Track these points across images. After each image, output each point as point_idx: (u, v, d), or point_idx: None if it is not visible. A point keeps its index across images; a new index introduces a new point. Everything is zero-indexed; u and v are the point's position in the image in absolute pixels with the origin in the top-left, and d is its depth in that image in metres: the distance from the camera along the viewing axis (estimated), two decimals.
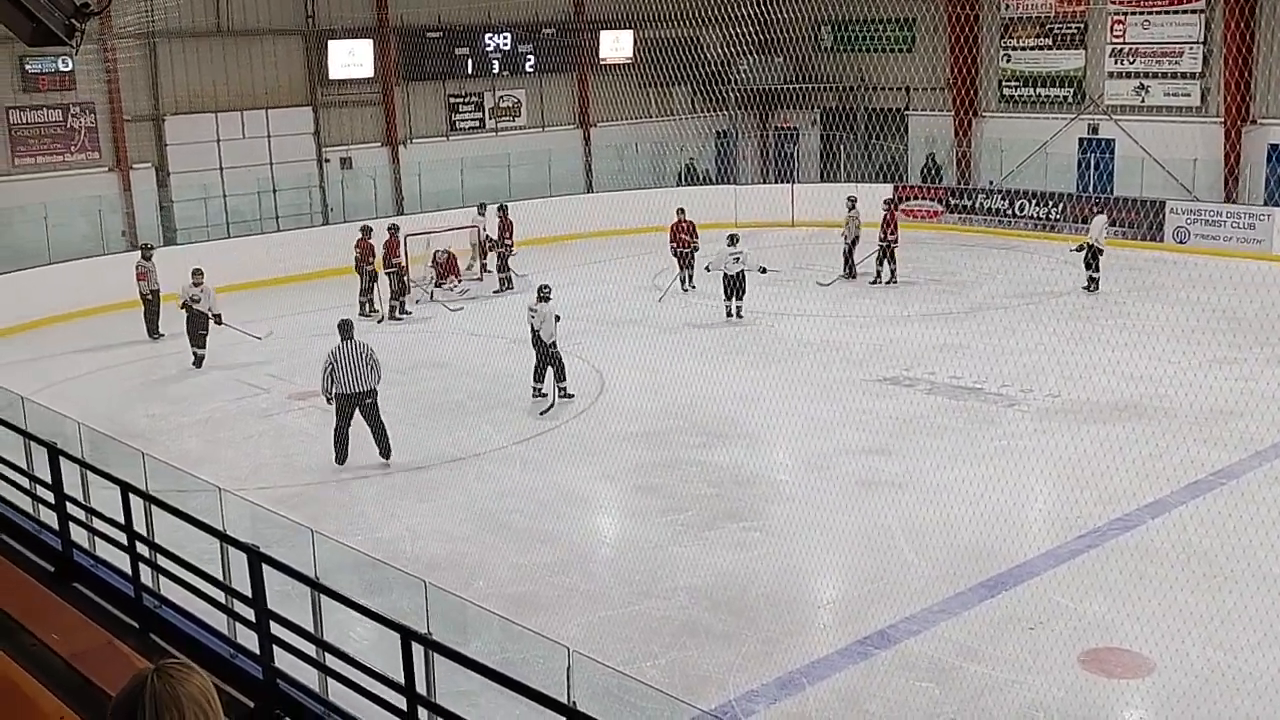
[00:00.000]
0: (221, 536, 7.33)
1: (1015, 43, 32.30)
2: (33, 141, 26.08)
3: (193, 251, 26.21)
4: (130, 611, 7.60)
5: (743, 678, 10.09)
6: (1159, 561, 11.77)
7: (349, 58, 30.31)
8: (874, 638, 10.70)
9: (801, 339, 21.02)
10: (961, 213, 31.52)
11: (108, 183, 27.10)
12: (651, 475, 14.97)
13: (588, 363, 19.50)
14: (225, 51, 28.45)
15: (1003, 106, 32.76)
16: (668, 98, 34.43)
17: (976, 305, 22.99)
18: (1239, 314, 19.67)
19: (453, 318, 23.80)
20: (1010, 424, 16.45)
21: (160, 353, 21.61)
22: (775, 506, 14.03)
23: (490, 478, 15.09)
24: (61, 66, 25.75)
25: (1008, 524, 12.69)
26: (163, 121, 27.93)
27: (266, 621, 6.58)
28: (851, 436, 16.04)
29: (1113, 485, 13.46)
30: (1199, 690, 9.54)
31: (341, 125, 30.71)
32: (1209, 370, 17.59)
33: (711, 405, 17.45)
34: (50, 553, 8.49)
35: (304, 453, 16.34)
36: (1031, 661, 10.18)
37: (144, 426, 17.20)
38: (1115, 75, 30.43)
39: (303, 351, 21.25)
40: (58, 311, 23.71)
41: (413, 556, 12.40)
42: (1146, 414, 16.38)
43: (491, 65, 32.85)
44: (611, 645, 10.54)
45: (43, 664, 5.86)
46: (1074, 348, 18.90)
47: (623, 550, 13.36)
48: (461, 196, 30.38)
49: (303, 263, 26.53)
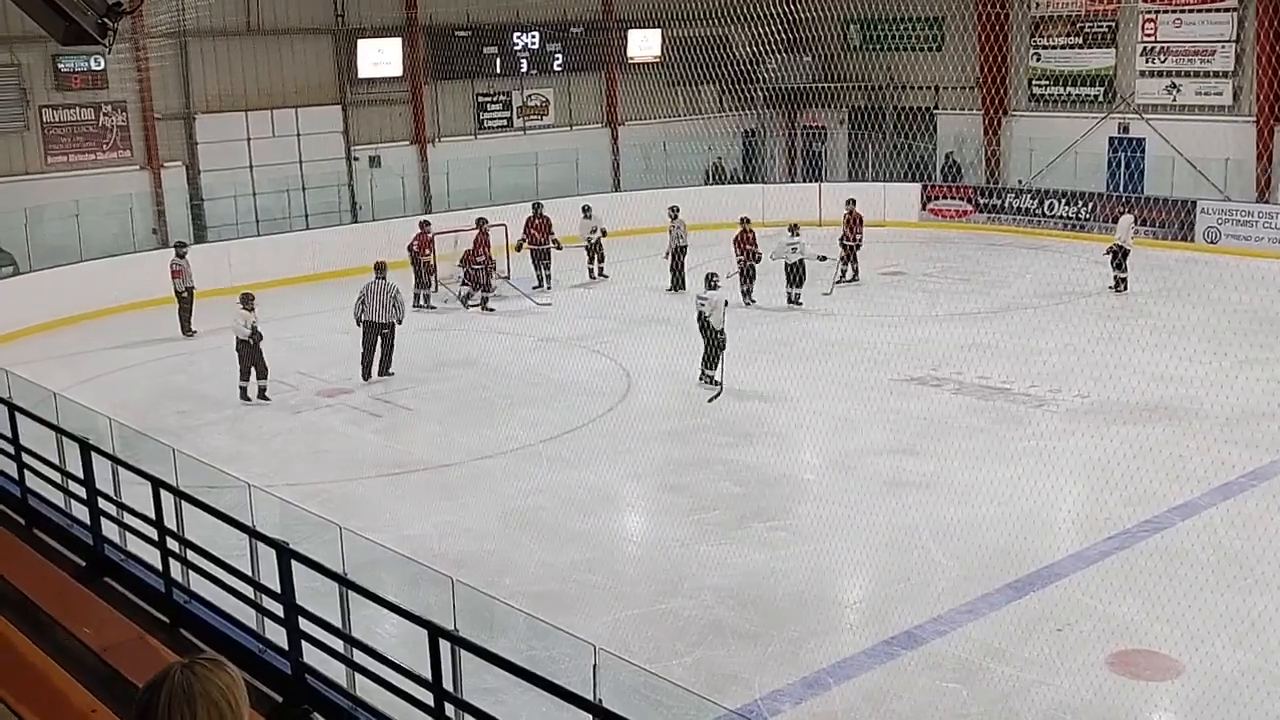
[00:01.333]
0: (251, 532, 7.38)
1: (1045, 41, 32.13)
2: (65, 140, 26.28)
3: (223, 249, 26.49)
4: (160, 606, 7.66)
5: (768, 677, 10.09)
6: (1188, 563, 11.69)
7: (378, 56, 30.44)
8: (900, 638, 10.68)
9: (829, 338, 20.98)
10: (990, 212, 31.39)
11: (139, 181, 27.28)
12: (678, 474, 14.98)
13: (614, 361, 19.52)
14: (255, 50, 28.60)
15: (1032, 105, 32.60)
16: (695, 96, 34.41)
17: (1004, 305, 22.89)
18: (1270, 315, 19.52)
19: (477, 316, 23.85)
20: (1038, 424, 16.38)
21: (190, 350, 21.73)
22: (802, 506, 14.01)
23: (517, 476, 15.12)
24: (94, 65, 25.94)
25: (1036, 525, 12.65)
26: (193, 120, 28.09)
27: (295, 617, 6.63)
28: (879, 436, 16.00)
29: (1141, 487, 13.38)
30: (1228, 693, 9.48)
31: (370, 124, 30.84)
32: (1239, 371, 17.47)
33: (738, 404, 17.45)
34: (82, 547, 8.57)
35: (332, 449, 16.42)
36: (1059, 663, 10.13)
37: (174, 423, 17.30)
38: (1146, 74, 30.23)
39: (331, 348, 21.38)
40: (89, 309, 23.88)
41: (440, 554, 12.43)
42: (1176, 415, 16.28)
43: (519, 64, 32.91)
44: (637, 643, 10.55)
45: (74, 657, 5.91)
46: (1103, 348, 18.80)
47: (649, 549, 13.37)
48: (489, 195, 30.47)
49: (332, 260, 26.66)
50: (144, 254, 25.74)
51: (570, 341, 21.34)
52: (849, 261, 25.14)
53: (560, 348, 20.82)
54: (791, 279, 23.32)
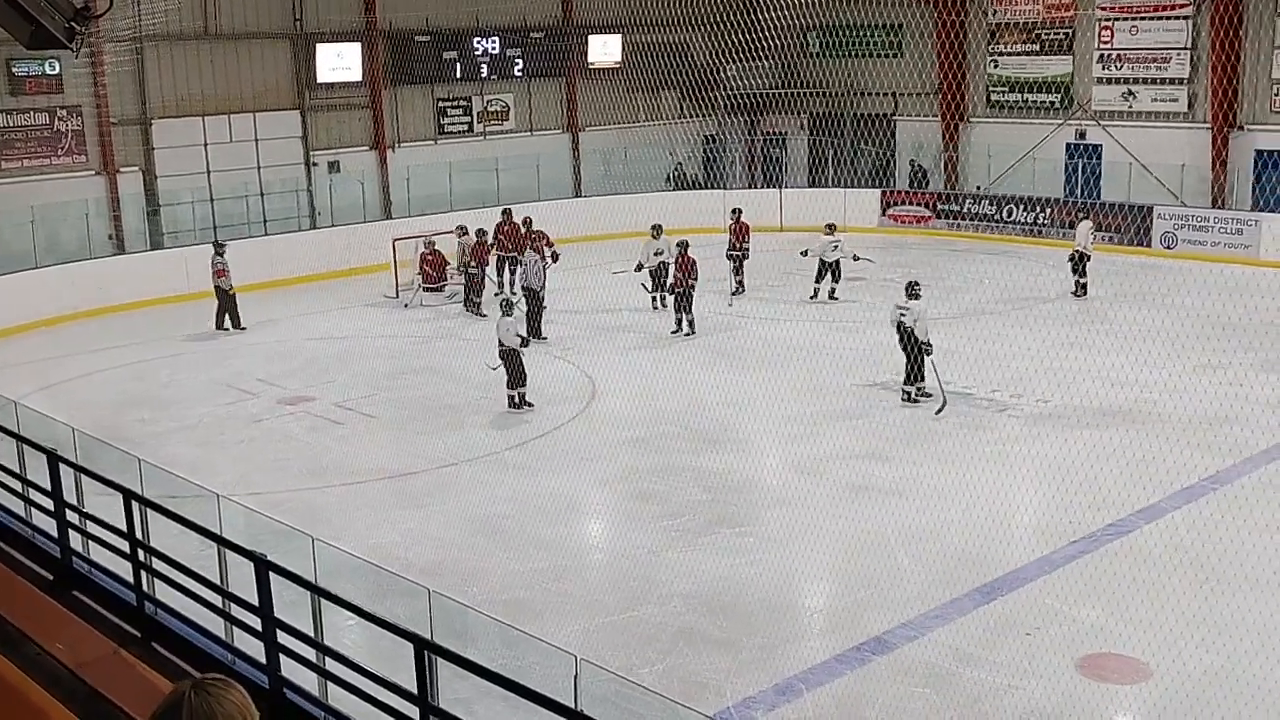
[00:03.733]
0: (223, 542, 7.29)
1: (1003, 48, 32.40)
2: (19, 145, 25.97)
3: (180, 255, 26.22)
4: (132, 620, 7.55)
5: (740, 684, 10.08)
6: (1153, 567, 11.79)
7: (337, 61, 30.26)
8: (870, 643, 10.71)
9: (793, 344, 20.98)
10: (950, 218, 31.60)
11: (95, 186, 27.00)
12: (645, 481, 14.95)
13: (579, 368, 19.48)
14: (213, 55, 28.35)
15: (990, 112, 32.86)
16: (656, 102, 34.46)
17: (965, 310, 23.01)
18: (1227, 319, 19.71)
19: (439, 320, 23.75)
20: (1002, 429, 16.49)
21: (150, 357, 21.46)
22: (770, 512, 14.01)
23: (483, 484, 15.05)
24: (49, 70, 25.66)
25: (1002, 529, 12.73)
26: (150, 125, 27.82)
27: (274, 630, 6.55)
28: (844, 441, 16.05)
29: (1105, 490, 13.51)
30: (1196, 695, 9.57)
31: (329, 129, 30.64)
32: (1198, 376, 17.67)
33: (704, 411, 17.44)
34: (48, 560, 8.44)
35: (295, 458, 16.29)
36: (1028, 667, 10.20)
37: (135, 431, 17.10)
38: (1103, 81, 30.54)
39: (293, 355, 21.24)
40: (45, 316, 23.59)
41: (406, 562, 12.33)
42: (1137, 419, 16.43)
43: (480, 69, 32.83)
44: (608, 651, 10.50)
45: (49, 674, 5.81)
46: (1063, 353, 18.97)
47: (617, 556, 13.33)
48: (450, 200, 30.35)
49: (292, 267, 26.47)
50: (101, 260, 25.46)
51: (535, 348, 21.24)
52: (737, 274, 25.20)
53: (525, 355, 20.71)
54: (829, 275, 24.22)
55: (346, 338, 22.71)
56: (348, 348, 21.96)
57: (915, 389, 17.55)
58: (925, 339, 17.31)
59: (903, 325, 17.58)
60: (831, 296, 24.33)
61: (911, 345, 17.43)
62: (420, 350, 21.86)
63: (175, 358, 20.86)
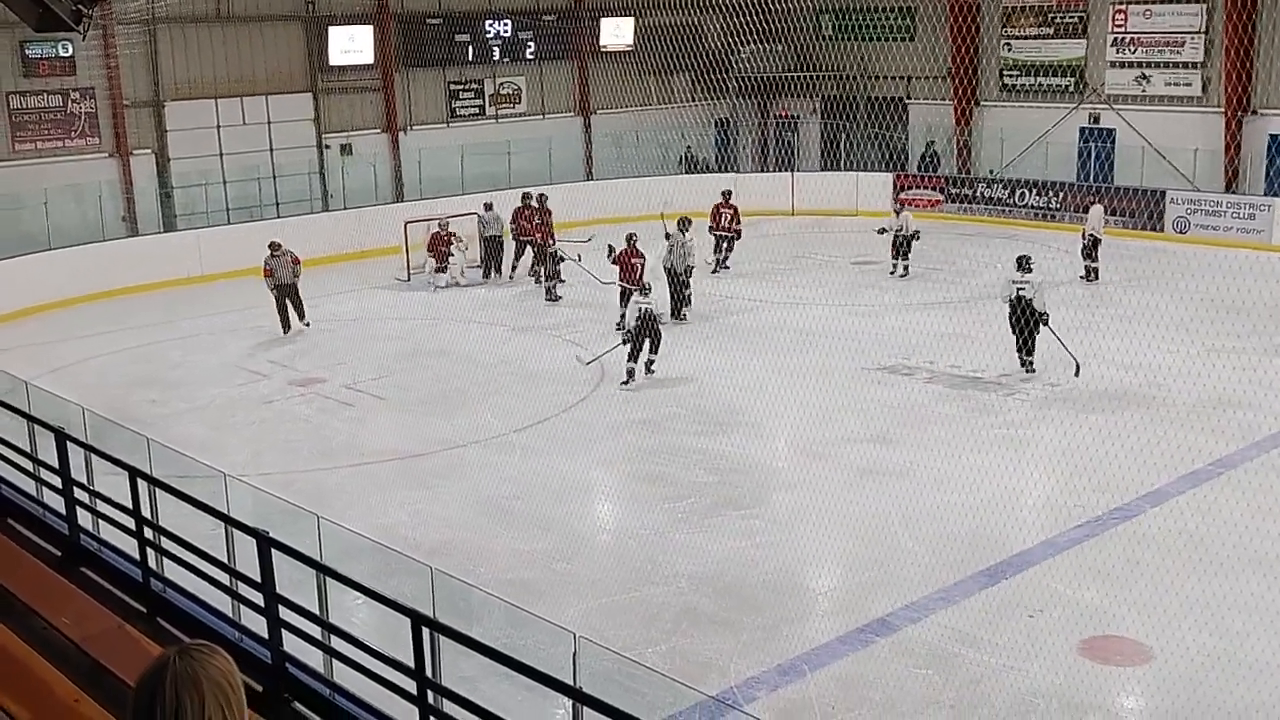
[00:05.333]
0: (229, 521, 7.37)
1: (1016, 31, 32.27)
2: (33, 127, 26.08)
3: (193, 237, 26.34)
4: (138, 596, 7.64)
5: (743, 664, 10.14)
6: (1157, 550, 11.83)
7: (349, 44, 30.28)
8: (874, 625, 10.76)
9: (801, 327, 20.99)
10: (962, 202, 31.53)
11: (108, 168, 27.10)
12: (652, 463, 15.02)
13: (588, 351, 19.53)
14: (225, 37, 28.41)
15: (1003, 95, 32.75)
16: (668, 85, 34.41)
17: (976, 294, 22.95)
18: (1238, 304, 19.70)
19: (450, 304, 23.81)
20: (1010, 413, 16.51)
21: (160, 339, 21.58)
22: (776, 494, 14.07)
23: (491, 465, 15.12)
24: (62, 52, 25.75)
25: (1007, 512, 12.74)
26: (163, 107, 27.91)
27: (276, 606, 6.63)
28: (851, 425, 16.07)
29: (1111, 474, 13.50)
30: (1197, 677, 9.61)
31: (341, 112, 30.70)
32: (1208, 360, 17.62)
33: (712, 393, 17.50)
34: (56, 537, 8.54)
35: (305, 439, 16.39)
36: (1030, 649, 10.24)
37: (145, 412, 17.22)
38: (1116, 64, 30.42)
39: (304, 337, 21.34)
40: (57, 298, 23.72)
41: (413, 543, 12.42)
42: (1145, 403, 16.43)
43: (492, 52, 32.82)
44: (612, 631, 10.58)
45: (55, 648, 5.90)
46: (1073, 337, 18.90)
47: (623, 537, 13.41)
48: (461, 183, 30.40)
49: (302, 249, 26.49)
50: (114, 242, 25.57)
51: (543, 331, 21.35)
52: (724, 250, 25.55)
53: (533, 337, 20.82)
54: (900, 252, 24.85)
55: (357, 320, 22.81)
56: (359, 330, 22.06)
57: (1030, 361, 17.92)
58: (1043, 310, 17.70)
59: (1022, 298, 17.90)
60: (905, 273, 24.86)
61: (1027, 318, 17.79)
62: (431, 332, 21.93)
63: (187, 339, 20.95)
